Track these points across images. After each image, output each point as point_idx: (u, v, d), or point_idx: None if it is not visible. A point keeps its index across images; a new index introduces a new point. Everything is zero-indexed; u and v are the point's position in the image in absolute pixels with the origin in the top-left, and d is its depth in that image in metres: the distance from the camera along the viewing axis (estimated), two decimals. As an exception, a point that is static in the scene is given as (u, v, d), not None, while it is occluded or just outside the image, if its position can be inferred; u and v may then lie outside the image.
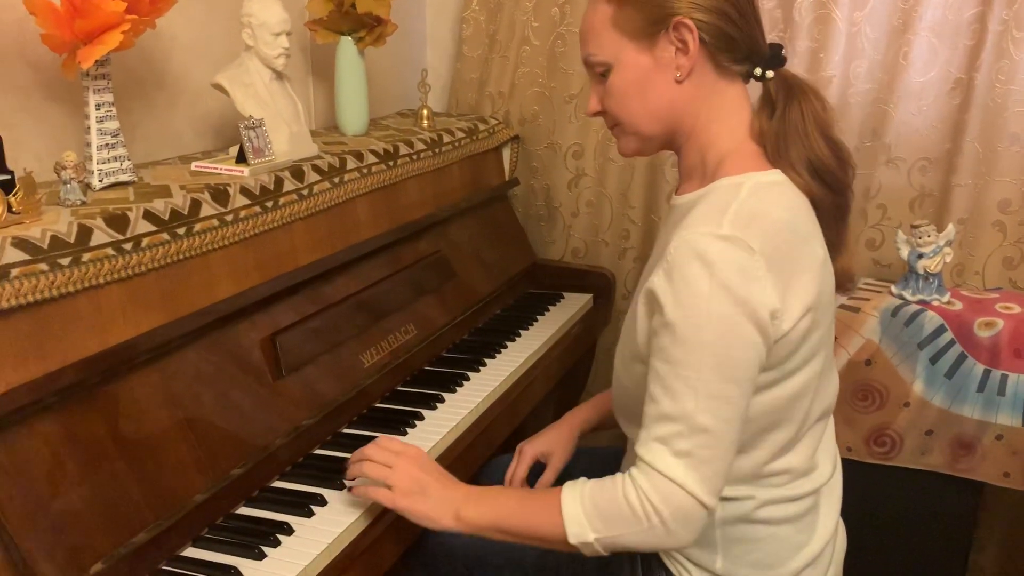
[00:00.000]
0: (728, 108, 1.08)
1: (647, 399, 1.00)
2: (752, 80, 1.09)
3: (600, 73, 1.10)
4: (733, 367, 0.96)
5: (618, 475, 1.03)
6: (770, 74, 1.07)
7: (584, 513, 1.02)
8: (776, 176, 1.05)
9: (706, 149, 1.08)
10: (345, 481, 1.21)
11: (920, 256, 1.72)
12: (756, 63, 1.07)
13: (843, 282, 1.13)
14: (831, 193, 1.07)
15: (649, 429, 0.99)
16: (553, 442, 1.38)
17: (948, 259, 1.72)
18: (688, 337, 0.96)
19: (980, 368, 1.66)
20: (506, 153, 2.23)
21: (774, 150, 1.06)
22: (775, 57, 1.08)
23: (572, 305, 2.04)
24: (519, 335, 1.83)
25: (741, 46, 1.05)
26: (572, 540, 1.02)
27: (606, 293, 2.15)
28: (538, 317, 1.94)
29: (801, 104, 1.05)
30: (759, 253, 0.96)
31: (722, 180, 1.05)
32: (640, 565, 1.16)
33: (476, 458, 1.49)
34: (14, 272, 0.97)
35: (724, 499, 1.07)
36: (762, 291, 0.96)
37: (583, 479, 1.06)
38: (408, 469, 1.13)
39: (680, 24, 1.02)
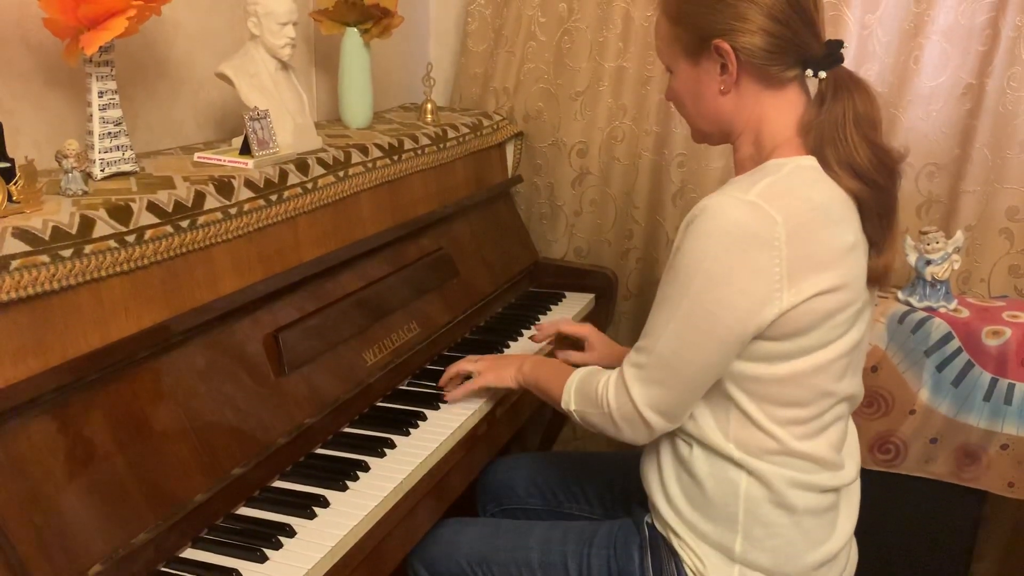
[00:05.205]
0: (780, 109, 1.10)
1: None
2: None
3: (668, 71, 1.19)
4: (708, 320, 1.03)
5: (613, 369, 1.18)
6: (823, 74, 1.07)
7: (574, 388, 1.23)
8: (817, 162, 1.07)
9: (759, 142, 1.12)
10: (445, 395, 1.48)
11: (928, 262, 1.70)
12: (808, 65, 1.08)
13: (877, 277, 1.12)
14: (871, 191, 1.07)
15: (638, 340, 1.13)
16: (594, 334, 1.54)
17: (956, 266, 1.70)
18: (678, 280, 1.05)
19: (987, 377, 1.65)
20: (510, 150, 2.20)
21: (811, 146, 1.07)
22: (830, 56, 1.08)
23: (574, 305, 2.02)
24: (521, 334, 1.80)
25: (787, 56, 1.07)
26: (562, 405, 1.25)
27: (608, 293, 2.13)
28: (539, 316, 1.92)
29: (844, 103, 1.06)
30: (781, 225, 1.00)
31: (769, 162, 1.09)
32: (650, 555, 1.17)
33: (479, 459, 1.47)
34: (14, 264, 0.94)
35: (748, 473, 1.10)
36: (769, 262, 1.00)
37: (599, 368, 1.24)
38: (489, 359, 1.47)
39: (719, 47, 1.07)
